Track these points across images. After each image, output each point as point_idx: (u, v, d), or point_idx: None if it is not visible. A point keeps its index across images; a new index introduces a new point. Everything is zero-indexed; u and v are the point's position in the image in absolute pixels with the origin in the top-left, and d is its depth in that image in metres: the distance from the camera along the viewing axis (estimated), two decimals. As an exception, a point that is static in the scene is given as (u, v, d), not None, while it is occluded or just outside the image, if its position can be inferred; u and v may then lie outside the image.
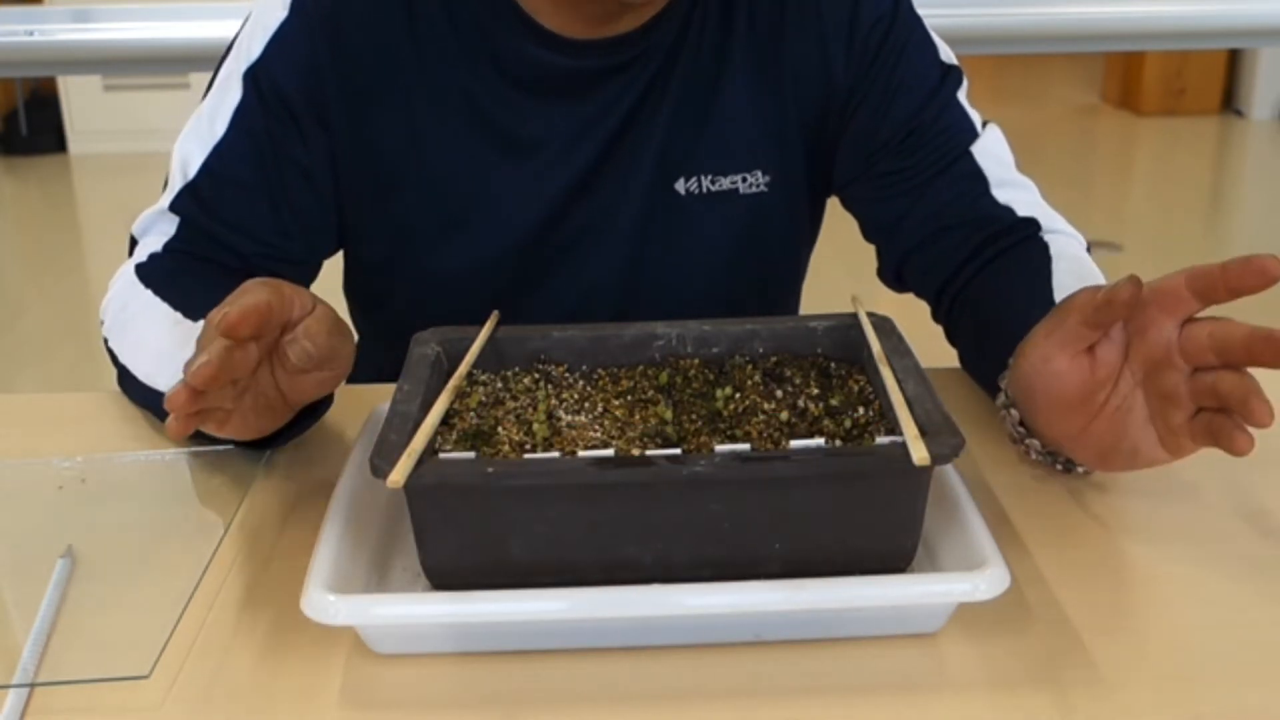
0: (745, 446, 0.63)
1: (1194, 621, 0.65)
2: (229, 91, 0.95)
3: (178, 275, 0.93)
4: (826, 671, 0.61)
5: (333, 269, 1.06)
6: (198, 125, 0.96)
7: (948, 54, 1.00)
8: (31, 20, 1.72)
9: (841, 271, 1.14)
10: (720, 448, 0.63)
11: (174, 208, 0.96)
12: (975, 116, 0.99)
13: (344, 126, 0.95)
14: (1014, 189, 0.97)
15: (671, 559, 0.62)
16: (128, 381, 0.89)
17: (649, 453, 0.62)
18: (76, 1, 1.75)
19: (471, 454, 0.64)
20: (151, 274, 0.92)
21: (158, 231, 0.97)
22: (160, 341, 0.84)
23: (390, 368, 0.76)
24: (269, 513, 0.77)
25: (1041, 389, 0.71)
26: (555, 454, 0.64)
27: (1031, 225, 0.94)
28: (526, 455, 0.65)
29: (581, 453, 0.64)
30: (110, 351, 0.92)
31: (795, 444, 0.63)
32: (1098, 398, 0.70)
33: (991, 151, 0.98)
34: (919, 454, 0.59)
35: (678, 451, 0.62)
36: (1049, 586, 0.68)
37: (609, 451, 0.64)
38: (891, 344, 0.72)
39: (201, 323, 0.71)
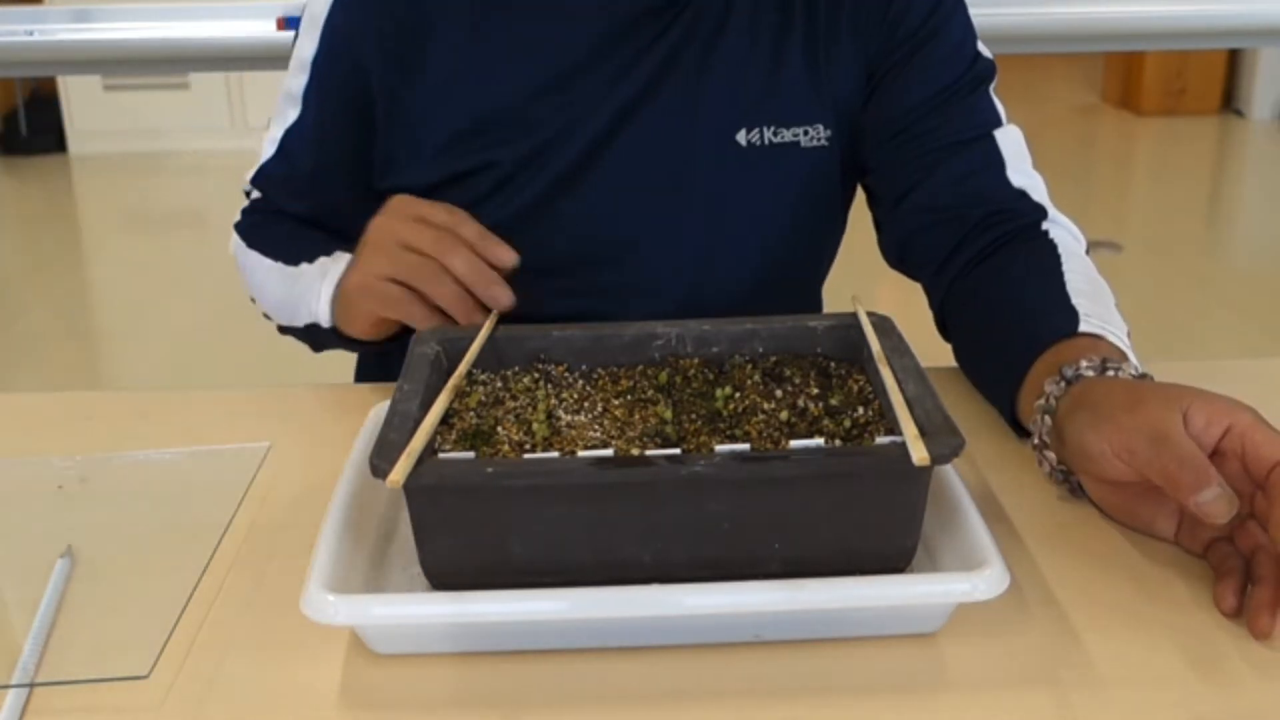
0: (745, 446, 0.63)
1: (1194, 621, 0.65)
2: (310, 33, 1.00)
3: (269, 228, 1.05)
4: (826, 671, 0.61)
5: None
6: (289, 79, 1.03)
7: (983, 47, 1.02)
8: (31, 20, 1.73)
9: (840, 271, 1.14)
10: (720, 448, 0.63)
11: (281, 145, 1.04)
12: (1002, 110, 1.01)
13: (398, 67, 0.98)
14: (1029, 178, 0.99)
15: (671, 559, 0.62)
16: (260, 298, 1.05)
17: (649, 453, 0.62)
18: (76, 1, 1.75)
19: (471, 454, 0.64)
20: (250, 232, 1.06)
21: (260, 175, 1.07)
22: (276, 291, 1.00)
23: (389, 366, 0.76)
24: (269, 513, 0.77)
25: (1081, 468, 0.72)
26: (555, 454, 0.64)
27: (1040, 211, 0.96)
28: (526, 455, 0.65)
29: (581, 453, 0.64)
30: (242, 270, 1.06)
31: (795, 444, 0.63)
32: (1141, 480, 0.69)
33: (1013, 142, 1.00)
34: (919, 454, 0.59)
35: (677, 451, 0.62)
36: (1049, 586, 0.68)
37: (609, 451, 0.64)
38: (891, 344, 0.72)
39: (304, 265, 0.96)
